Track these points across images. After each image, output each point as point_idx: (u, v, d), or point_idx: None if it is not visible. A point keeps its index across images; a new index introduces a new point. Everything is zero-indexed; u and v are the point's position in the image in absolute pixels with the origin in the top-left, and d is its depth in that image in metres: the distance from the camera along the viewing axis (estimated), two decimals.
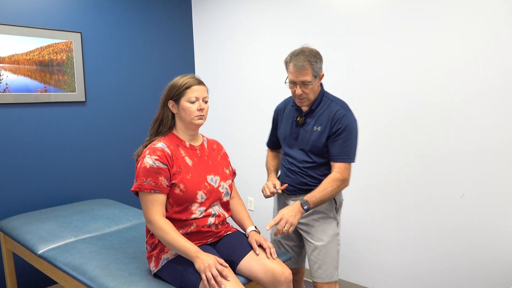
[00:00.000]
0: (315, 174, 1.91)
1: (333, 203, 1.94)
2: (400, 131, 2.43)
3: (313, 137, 1.87)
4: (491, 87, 2.09)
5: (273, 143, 2.16)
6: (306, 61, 1.76)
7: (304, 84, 1.79)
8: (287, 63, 1.84)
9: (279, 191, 1.91)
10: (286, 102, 2.07)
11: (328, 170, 1.88)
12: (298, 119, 1.91)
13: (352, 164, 1.87)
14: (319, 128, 1.86)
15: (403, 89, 2.40)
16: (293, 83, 1.82)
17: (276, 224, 1.74)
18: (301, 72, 1.77)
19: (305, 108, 1.92)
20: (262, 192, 1.94)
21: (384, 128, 2.50)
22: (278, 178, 2.07)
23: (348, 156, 1.83)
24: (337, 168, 1.83)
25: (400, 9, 2.35)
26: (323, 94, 1.91)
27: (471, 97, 2.16)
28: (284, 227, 1.71)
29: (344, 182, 1.83)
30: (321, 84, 1.92)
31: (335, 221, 1.95)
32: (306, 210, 1.77)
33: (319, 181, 1.87)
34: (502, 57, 2.05)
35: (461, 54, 2.17)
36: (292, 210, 1.75)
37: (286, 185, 1.96)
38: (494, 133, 2.11)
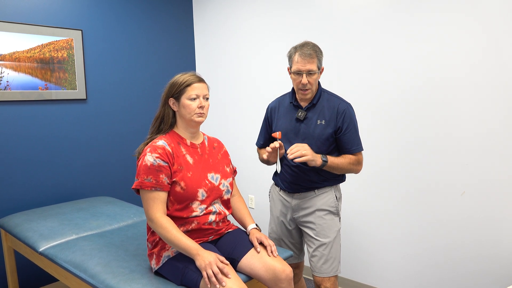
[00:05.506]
0: (316, 168, 1.92)
1: (335, 198, 1.97)
2: (401, 129, 2.43)
3: (317, 131, 1.91)
4: (492, 84, 2.09)
5: (265, 143, 2.13)
6: (312, 50, 1.84)
7: (310, 73, 1.84)
8: (291, 54, 1.89)
9: (279, 136, 1.90)
10: (279, 101, 2.07)
11: None
12: (299, 114, 1.93)
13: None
14: (323, 122, 1.91)
15: (404, 86, 2.39)
16: (298, 74, 1.85)
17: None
18: (308, 60, 1.82)
19: (304, 104, 1.94)
20: (265, 154, 1.92)
21: (385, 126, 2.50)
22: (278, 176, 2.06)
23: (359, 145, 1.94)
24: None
25: (399, 5, 2.35)
26: (321, 90, 1.97)
27: (471, 94, 2.16)
28: (297, 152, 1.75)
29: (359, 164, 1.95)
30: (318, 82, 1.96)
31: (338, 217, 2.00)
32: (322, 162, 1.82)
33: (320, 176, 1.93)
34: (503, 52, 2.04)
35: (463, 50, 2.17)
36: (312, 152, 1.81)
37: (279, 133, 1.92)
38: (494, 131, 2.11)
